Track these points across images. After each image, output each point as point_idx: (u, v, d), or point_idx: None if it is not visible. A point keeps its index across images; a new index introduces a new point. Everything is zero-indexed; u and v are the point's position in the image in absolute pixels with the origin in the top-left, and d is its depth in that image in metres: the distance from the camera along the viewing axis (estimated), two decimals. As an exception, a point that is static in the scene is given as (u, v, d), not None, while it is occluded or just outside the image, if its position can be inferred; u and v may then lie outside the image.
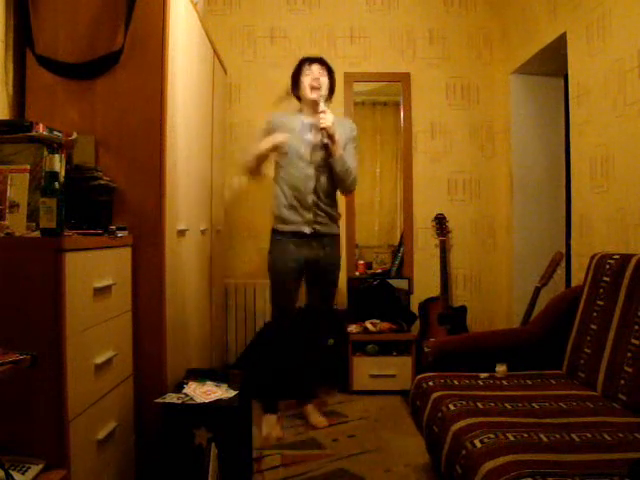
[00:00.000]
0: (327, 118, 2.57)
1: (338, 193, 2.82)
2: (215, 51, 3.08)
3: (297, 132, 2.69)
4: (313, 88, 2.68)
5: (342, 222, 3.07)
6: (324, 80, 2.72)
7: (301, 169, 2.66)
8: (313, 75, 2.69)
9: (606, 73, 2.44)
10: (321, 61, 2.75)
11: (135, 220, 2.01)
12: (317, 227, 2.69)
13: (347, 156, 2.69)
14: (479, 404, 1.82)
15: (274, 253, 2.76)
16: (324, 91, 2.70)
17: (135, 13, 2.02)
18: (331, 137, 2.60)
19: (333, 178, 2.70)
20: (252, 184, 3.73)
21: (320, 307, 2.86)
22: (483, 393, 1.95)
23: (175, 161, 2.20)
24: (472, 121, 3.80)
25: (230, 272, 3.70)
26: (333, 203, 2.77)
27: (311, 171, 2.66)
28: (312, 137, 2.68)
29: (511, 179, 3.59)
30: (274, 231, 2.78)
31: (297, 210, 2.67)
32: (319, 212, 2.69)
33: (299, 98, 2.81)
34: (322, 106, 2.61)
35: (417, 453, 2.44)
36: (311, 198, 2.66)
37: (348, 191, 2.82)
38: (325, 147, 2.64)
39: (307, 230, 2.67)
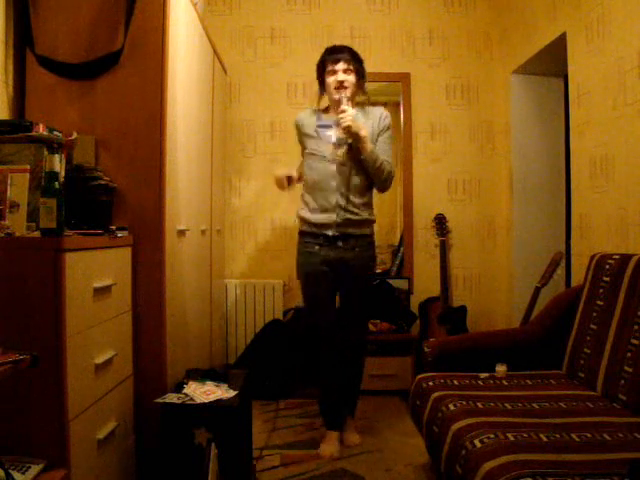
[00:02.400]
0: (346, 118, 2.37)
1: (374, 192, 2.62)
2: (215, 51, 3.08)
3: (318, 131, 2.53)
4: (337, 89, 2.48)
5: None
6: (350, 79, 2.48)
7: (323, 169, 2.48)
8: (337, 77, 2.48)
9: (606, 73, 2.44)
10: (345, 55, 2.49)
11: (135, 220, 2.02)
12: (343, 229, 2.48)
13: (380, 149, 2.49)
14: (479, 404, 1.82)
15: (300, 258, 2.58)
16: (349, 92, 2.46)
17: (135, 13, 2.02)
18: (355, 135, 2.40)
19: (362, 176, 2.49)
20: (251, 183, 3.75)
21: (352, 334, 2.57)
22: (483, 393, 1.95)
23: (175, 161, 2.20)
24: (472, 121, 3.80)
25: (230, 272, 3.70)
26: (364, 204, 2.53)
27: (333, 169, 2.47)
28: (333, 134, 2.49)
29: (511, 179, 3.59)
30: (300, 233, 2.61)
31: (322, 213, 2.49)
32: (345, 214, 2.47)
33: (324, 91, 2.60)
34: (343, 105, 2.40)
35: (417, 453, 2.44)
36: (335, 198, 2.46)
37: (384, 188, 2.56)
38: (351, 146, 2.45)
39: (330, 233, 2.48)
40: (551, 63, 3.27)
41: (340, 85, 2.47)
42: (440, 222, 3.67)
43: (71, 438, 1.51)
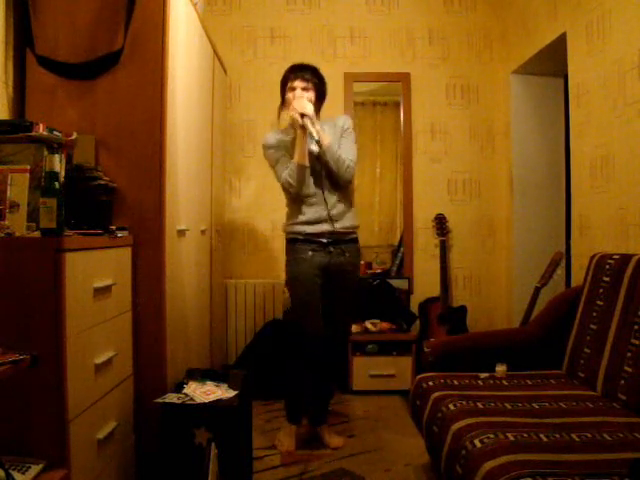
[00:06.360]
0: (301, 104, 2.39)
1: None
2: (215, 51, 3.08)
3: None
4: (294, 109, 2.43)
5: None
6: (308, 95, 2.49)
7: (310, 185, 2.50)
8: (295, 93, 2.49)
9: (606, 73, 2.44)
10: (306, 74, 2.51)
11: (135, 220, 2.01)
12: (335, 236, 2.54)
13: (342, 147, 2.52)
14: (479, 404, 1.82)
15: (291, 264, 2.57)
16: (308, 109, 2.41)
17: (135, 13, 2.02)
18: (304, 126, 2.39)
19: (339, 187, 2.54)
20: (251, 183, 3.75)
21: (336, 328, 2.60)
22: (483, 393, 1.95)
23: (175, 161, 2.20)
24: (472, 121, 3.80)
25: (230, 272, 3.70)
26: (346, 200, 2.58)
27: (319, 183, 2.51)
28: (315, 148, 2.49)
29: (511, 179, 3.59)
30: (290, 241, 2.60)
31: (313, 224, 2.52)
32: (335, 224, 2.52)
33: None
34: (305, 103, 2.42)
35: (417, 453, 2.44)
36: (325, 212, 2.51)
37: (344, 180, 2.53)
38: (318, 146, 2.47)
39: (325, 240, 2.52)
40: (551, 63, 3.28)
41: (297, 108, 2.42)
42: (440, 222, 3.67)
43: (71, 438, 1.50)
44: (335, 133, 2.58)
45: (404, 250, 3.79)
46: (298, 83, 2.52)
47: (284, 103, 2.59)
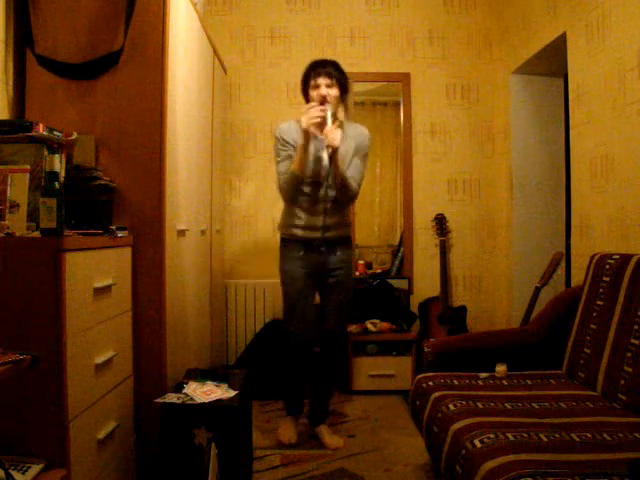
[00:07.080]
0: (336, 137, 2.33)
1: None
2: (215, 51, 3.08)
3: (312, 150, 2.46)
4: (320, 104, 2.39)
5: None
6: (332, 92, 2.44)
7: (313, 191, 2.49)
8: (319, 91, 2.43)
9: (606, 73, 2.44)
10: (329, 69, 2.45)
11: (135, 220, 2.01)
12: (327, 237, 2.55)
13: (354, 165, 2.51)
14: (479, 404, 1.82)
15: (283, 263, 2.60)
16: (332, 107, 2.40)
17: (135, 13, 2.02)
18: (334, 153, 2.38)
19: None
20: (251, 183, 3.75)
21: (333, 326, 2.63)
22: (483, 393, 1.95)
23: (175, 161, 2.20)
24: (472, 121, 3.80)
25: (230, 272, 3.70)
26: (343, 215, 2.60)
27: (323, 192, 2.49)
28: (326, 156, 2.44)
29: (511, 179, 3.59)
30: (282, 240, 2.62)
31: (306, 229, 2.53)
32: (329, 233, 2.54)
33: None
34: (329, 124, 2.34)
35: (417, 453, 2.44)
36: (321, 220, 2.51)
37: (345, 199, 2.54)
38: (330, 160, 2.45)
39: (315, 243, 2.54)
40: (551, 63, 3.28)
41: (323, 100, 2.41)
42: (440, 222, 3.67)
43: (71, 438, 1.50)
44: (353, 142, 2.52)
45: (404, 250, 3.79)
46: (322, 80, 2.44)
47: (308, 101, 2.50)
